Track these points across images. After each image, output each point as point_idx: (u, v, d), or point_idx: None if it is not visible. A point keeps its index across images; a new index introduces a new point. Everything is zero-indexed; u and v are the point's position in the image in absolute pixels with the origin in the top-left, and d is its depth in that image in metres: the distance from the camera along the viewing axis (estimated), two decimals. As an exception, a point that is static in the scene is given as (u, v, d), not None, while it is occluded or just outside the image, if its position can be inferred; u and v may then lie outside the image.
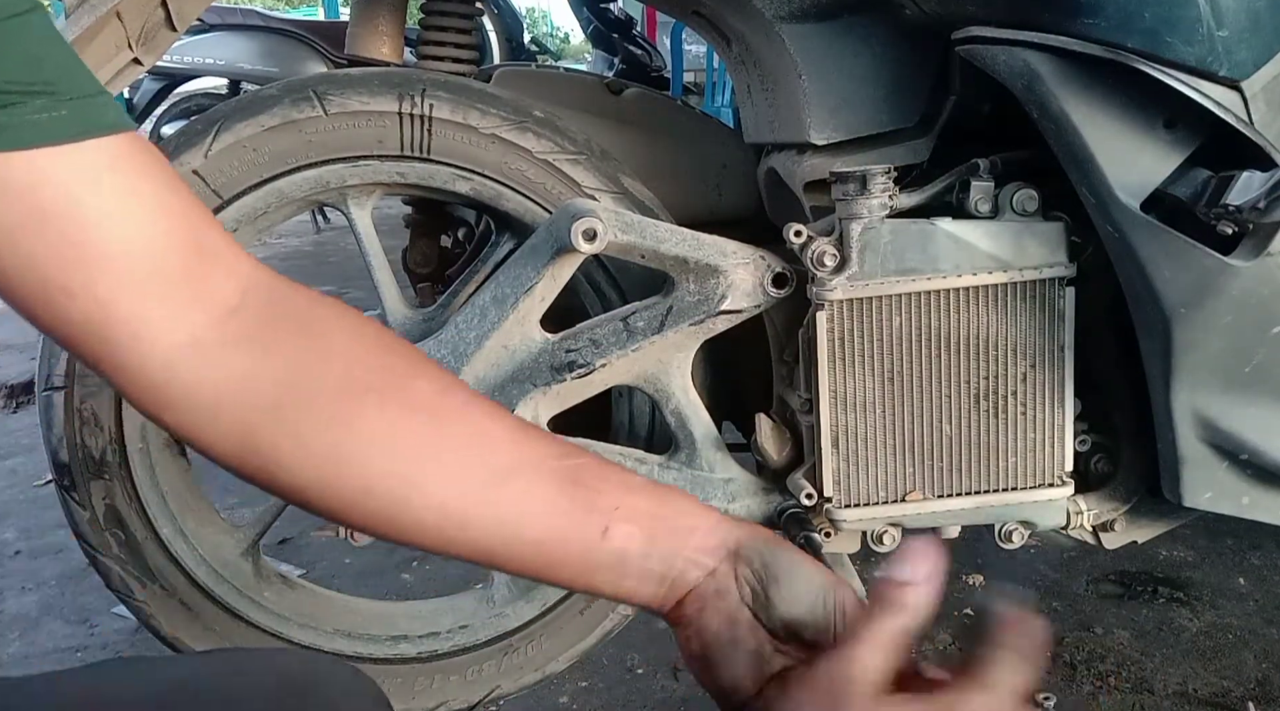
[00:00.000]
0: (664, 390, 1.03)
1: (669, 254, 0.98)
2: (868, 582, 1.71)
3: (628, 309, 1.02)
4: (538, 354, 1.00)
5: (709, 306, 0.99)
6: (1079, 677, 1.43)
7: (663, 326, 0.99)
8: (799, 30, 1.04)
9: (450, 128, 1.05)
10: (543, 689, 1.37)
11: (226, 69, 4.89)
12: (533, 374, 1.00)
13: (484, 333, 0.99)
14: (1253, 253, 0.85)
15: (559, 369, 1.00)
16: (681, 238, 0.98)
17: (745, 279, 0.99)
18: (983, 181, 0.96)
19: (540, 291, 0.99)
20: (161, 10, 1.00)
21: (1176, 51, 0.82)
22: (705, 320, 0.99)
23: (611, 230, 0.94)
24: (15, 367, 3.10)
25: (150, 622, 1.13)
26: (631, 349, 0.99)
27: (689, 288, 0.99)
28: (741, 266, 0.99)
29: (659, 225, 0.98)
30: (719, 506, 1.03)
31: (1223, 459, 0.95)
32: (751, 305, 1.01)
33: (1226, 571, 1.72)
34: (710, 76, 6.52)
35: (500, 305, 0.99)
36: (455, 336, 1.00)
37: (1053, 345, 0.98)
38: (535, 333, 1.01)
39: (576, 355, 1.00)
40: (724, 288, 0.99)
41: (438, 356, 0.99)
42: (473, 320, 0.99)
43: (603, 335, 1.00)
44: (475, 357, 0.99)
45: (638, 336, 0.99)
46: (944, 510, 1.02)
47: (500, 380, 1.00)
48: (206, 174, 1.03)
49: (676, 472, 1.04)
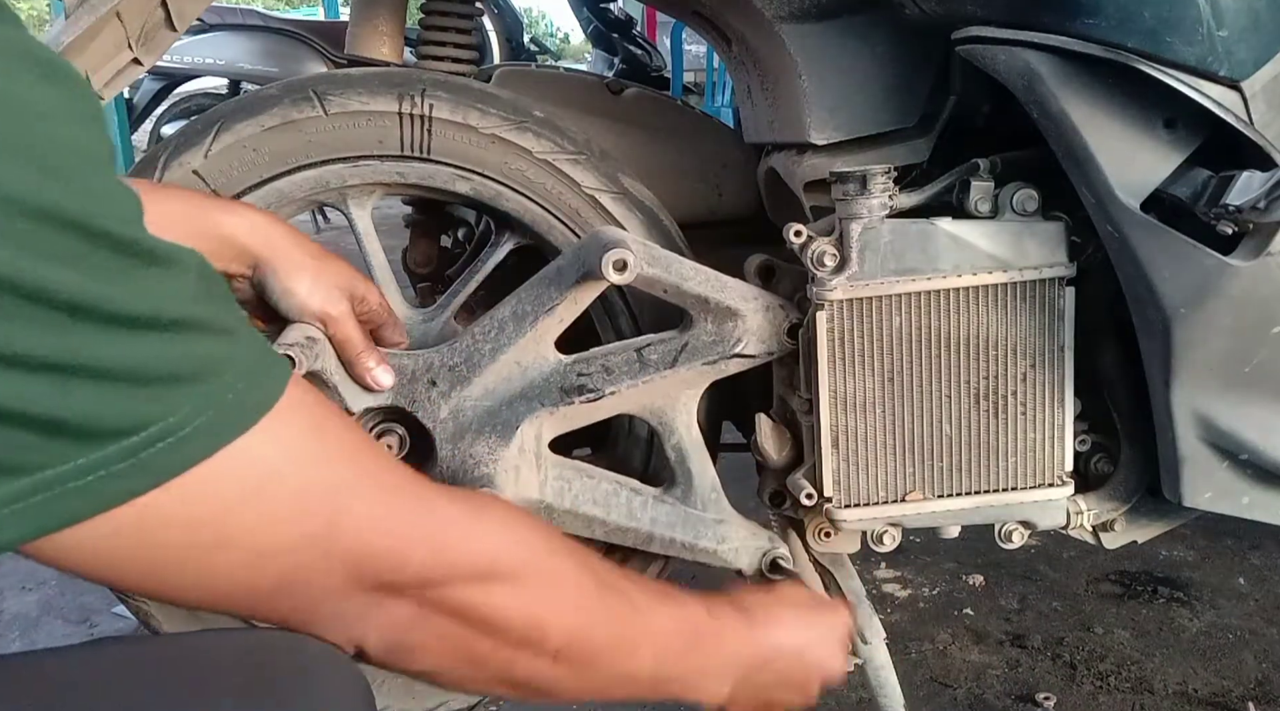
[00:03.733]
0: (668, 424, 1.03)
1: (691, 292, 0.97)
2: (868, 583, 1.71)
3: (643, 340, 1.01)
4: (549, 374, 1.00)
5: (724, 348, 0.99)
6: (1079, 677, 1.43)
7: (676, 362, 0.99)
8: (799, 30, 1.04)
9: (450, 128, 1.05)
10: (543, 689, 1.37)
11: (226, 69, 4.89)
12: (542, 393, 0.99)
13: (500, 346, 0.99)
14: (1253, 253, 0.85)
15: (568, 391, 0.99)
16: (705, 278, 0.98)
17: (763, 326, 1.00)
18: (983, 181, 0.96)
19: (561, 313, 0.99)
20: (161, 10, 1.00)
21: (1176, 51, 0.82)
22: (718, 361, 0.99)
23: (640, 263, 0.94)
24: (15, 367, 3.10)
25: (150, 622, 1.13)
26: (643, 380, 0.99)
27: (706, 327, 0.99)
28: (761, 313, 1.00)
29: (685, 263, 0.98)
30: (709, 547, 1.04)
31: (1223, 459, 0.95)
32: (765, 352, 1.01)
33: (1226, 571, 1.72)
34: (710, 76, 6.53)
35: (519, 322, 0.99)
36: (470, 346, 0.99)
37: (1053, 345, 0.98)
38: (549, 353, 1.00)
39: (588, 380, 0.99)
40: (741, 331, 0.99)
41: (451, 363, 0.99)
42: (490, 332, 0.99)
43: (616, 363, 1.00)
44: (488, 370, 0.99)
45: (650, 369, 0.99)
46: (944, 510, 1.02)
47: (509, 395, 1.00)
48: (206, 174, 1.03)
49: (670, 508, 1.04)
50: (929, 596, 1.66)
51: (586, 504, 1.00)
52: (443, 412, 0.99)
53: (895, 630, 1.55)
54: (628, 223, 1.09)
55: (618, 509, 1.01)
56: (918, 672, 1.45)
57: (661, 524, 1.02)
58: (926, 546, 1.80)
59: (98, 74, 0.97)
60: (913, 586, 1.70)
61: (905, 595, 1.67)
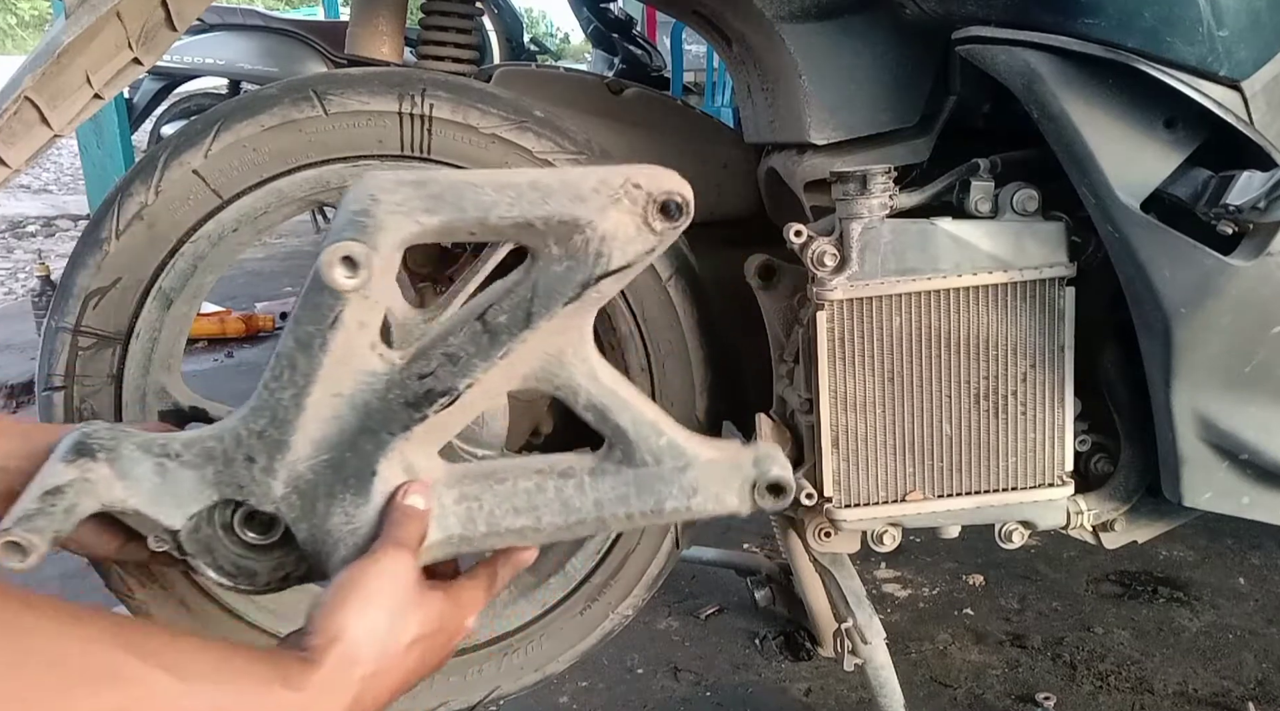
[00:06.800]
0: (567, 386, 0.79)
1: (502, 223, 0.72)
2: (868, 583, 1.71)
3: (482, 301, 0.76)
4: (384, 392, 0.75)
5: (584, 273, 0.74)
6: (1079, 677, 1.43)
7: (530, 317, 0.75)
8: (799, 30, 1.04)
9: (450, 127, 1.05)
10: (543, 689, 1.37)
11: (226, 69, 4.89)
12: (385, 419, 0.75)
13: (301, 389, 0.74)
14: (1253, 253, 0.85)
15: (416, 403, 0.75)
16: (515, 193, 0.72)
17: (621, 221, 0.73)
18: (983, 181, 0.96)
19: (353, 316, 0.73)
20: (161, 10, 1.00)
21: (1176, 51, 0.82)
22: (585, 291, 0.74)
23: (412, 216, 0.71)
24: (15, 368, 3.10)
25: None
26: (499, 356, 0.75)
27: (551, 254, 0.74)
28: (610, 206, 0.73)
29: (479, 184, 0.72)
30: (679, 507, 0.80)
31: (1223, 459, 0.95)
32: (643, 250, 0.74)
33: (1226, 571, 1.72)
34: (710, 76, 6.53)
35: (307, 350, 0.74)
36: (269, 401, 0.75)
37: (1053, 345, 0.98)
38: (371, 364, 0.75)
39: (433, 380, 0.75)
40: (595, 242, 0.73)
41: (257, 428, 0.75)
42: (281, 376, 0.75)
43: (459, 346, 0.76)
44: (303, 422, 0.75)
45: (503, 338, 0.75)
46: (944, 510, 1.02)
47: (350, 435, 0.76)
48: (206, 174, 1.03)
49: (613, 477, 0.80)
50: (929, 596, 1.66)
51: (507, 517, 0.79)
52: (277, 489, 0.75)
53: (895, 630, 1.55)
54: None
55: (548, 507, 0.79)
56: (918, 672, 1.45)
57: (609, 502, 0.80)
58: (926, 546, 1.80)
59: (98, 74, 0.97)
60: (913, 586, 1.70)
61: (905, 595, 1.67)
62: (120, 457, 0.73)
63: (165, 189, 1.03)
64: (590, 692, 1.41)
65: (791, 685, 1.43)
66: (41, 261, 3.49)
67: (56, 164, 8.70)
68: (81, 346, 1.05)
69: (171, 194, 1.03)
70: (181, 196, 1.03)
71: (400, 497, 0.74)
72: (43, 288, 3.15)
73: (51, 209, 6.43)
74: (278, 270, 4.41)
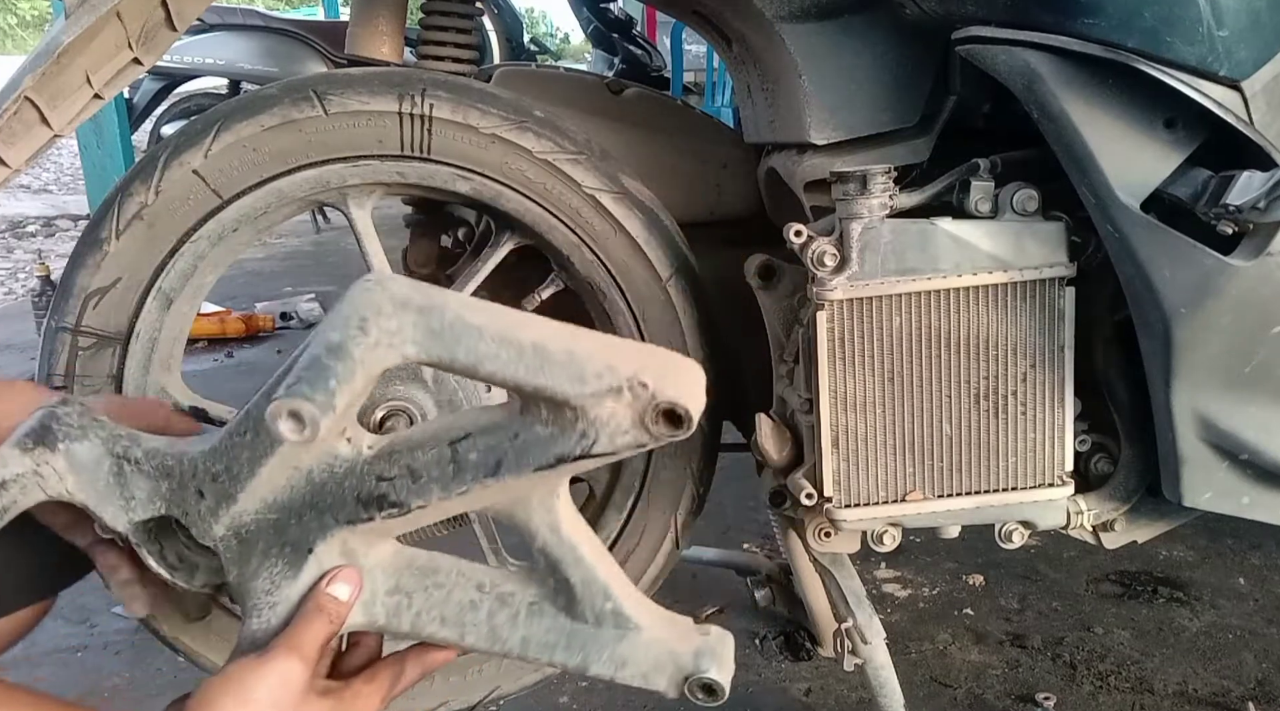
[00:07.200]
0: (525, 527, 0.75)
1: (492, 378, 0.67)
2: (868, 583, 1.71)
3: (462, 426, 0.72)
4: (342, 478, 0.72)
5: (565, 447, 0.68)
6: (1079, 677, 1.43)
7: (498, 469, 0.69)
8: (799, 30, 1.04)
9: (450, 127, 1.05)
10: (543, 689, 1.37)
11: (226, 69, 4.90)
12: (335, 504, 0.72)
13: (258, 455, 0.71)
14: (1253, 253, 0.85)
15: (366, 503, 0.71)
16: (515, 351, 0.66)
17: (617, 413, 0.66)
18: (983, 181, 0.96)
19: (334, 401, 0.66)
20: (161, 10, 1.00)
21: (1177, 51, 0.82)
22: (560, 465, 0.68)
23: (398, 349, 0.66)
24: (15, 368, 3.10)
25: (149, 622, 1.13)
26: (457, 492, 0.71)
27: (539, 415, 0.68)
28: (609, 397, 0.66)
29: (482, 330, 0.67)
30: (604, 671, 0.75)
31: (1223, 459, 0.95)
32: (633, 444, 0.67)
33: (1226, 571, 1.72)
34: (710, 76, 6.53)
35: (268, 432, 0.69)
36: (229, 450, 0.72)
37: (1053, 345, 0.98)
38: (338, 448, 0.71)
39: (389, 488, 0.72)
40: (584, 423, 0.67)
41: (213, 471, 0.72)
42: (245, 435, 0.72)
43: (423, 465, 0.71)
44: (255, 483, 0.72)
45: (466, 476, 0.70)
46: (944, 510, 1.02)
47: (297, 505, 0.73)
48: (206, 174, 1.03)
49: (549, 622, 0.75)
50: (929, 596, 1.66)
51: (432, 624, 0.75)
52: (219, 531, 0.73)
53: (895, 630, 1.55)
54: (628, 222, 1.09)
55: (475, 630, 0.75)
56: (918, 672, 1.45)
57: (536, 645, 0.75)
58: (926, 546, 1.80)
59: (98, 74, 0.97)
60: (913, 586, 1.70)
61: (905, 595, 1.67)
62: (79, 452, 0.72)
63: (165, 189, 1.03)
64: (590, 692, 1.41)
65: (791, 685, 1.43)
66: (41, 261, 3.49)
67: (56, 164, 8.70)
68: (81, 346, 1.05)
69: (171, 194, 1.03)
70: (181, 196, 1.04)
71: (325, 583, 0.71)
72: (43, 288, 3.15)
73: (51, 209, 6.43)
74: (278, 270, 4.41)
